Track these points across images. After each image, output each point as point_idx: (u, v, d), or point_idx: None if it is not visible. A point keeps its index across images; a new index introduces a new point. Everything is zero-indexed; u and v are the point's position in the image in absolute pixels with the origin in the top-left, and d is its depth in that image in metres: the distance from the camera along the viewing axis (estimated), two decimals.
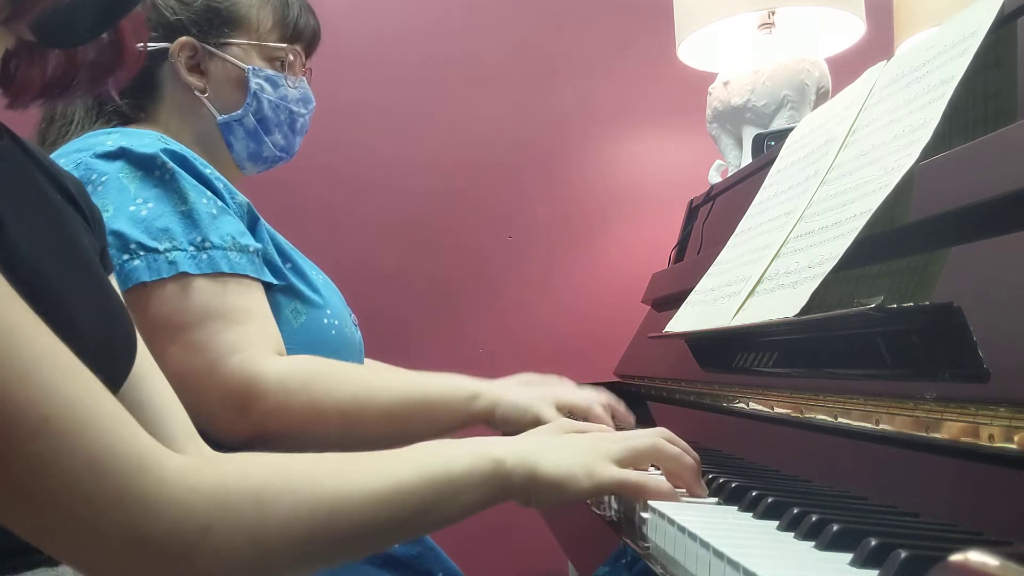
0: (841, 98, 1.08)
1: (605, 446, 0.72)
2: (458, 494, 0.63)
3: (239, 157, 1.20)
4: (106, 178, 0.98)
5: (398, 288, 2.11)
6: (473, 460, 0.64)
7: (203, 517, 0.50)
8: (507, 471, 0.65)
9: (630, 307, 1.78)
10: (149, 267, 0.95)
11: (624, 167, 2.25)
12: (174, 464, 0.50)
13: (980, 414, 0.59)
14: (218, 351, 0.95)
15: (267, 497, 0.53)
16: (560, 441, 0.73)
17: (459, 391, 1.05)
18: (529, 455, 0.67)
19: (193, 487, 0.50)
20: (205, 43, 1.14)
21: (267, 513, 0.52)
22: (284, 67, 1.19)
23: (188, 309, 0.95)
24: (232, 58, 1.15)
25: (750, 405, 0.97)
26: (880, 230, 0.80)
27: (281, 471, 0.55)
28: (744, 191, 1.34)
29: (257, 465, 0.55)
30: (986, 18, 0.80)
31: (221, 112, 1.16)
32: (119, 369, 0.67)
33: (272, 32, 1.18)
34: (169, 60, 1.14)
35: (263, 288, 1.03)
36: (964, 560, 0.32)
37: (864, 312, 0.70)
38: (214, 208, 1.00)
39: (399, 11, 2.18)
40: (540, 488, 0.67)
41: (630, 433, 0.77)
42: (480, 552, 1.61)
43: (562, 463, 0.68)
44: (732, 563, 0.51)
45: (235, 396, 0.94)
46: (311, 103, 1.25)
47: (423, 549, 1.12)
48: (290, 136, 1.23)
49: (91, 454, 0.47)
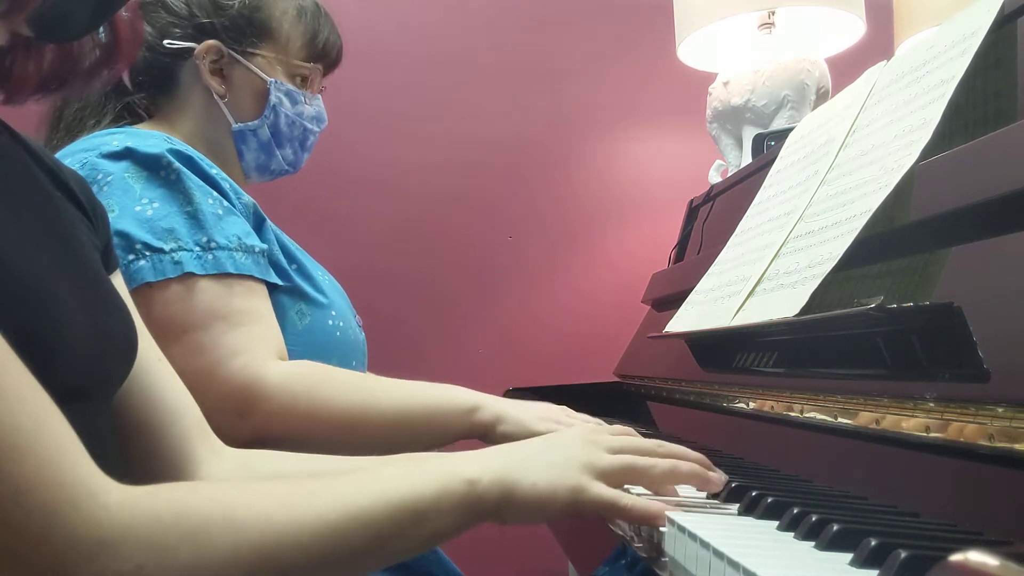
0: (841, 98, 1.08)
1: (596, 457, 0.66)
2: (425, 521, 0.59)
3: (247, 166, 1.20)
4: (111, 178, 0.98)
5: (399, 288, 2.11)
6: (442, 483, 0.60)
7: (134, 557, 0.47)
8: (479, 494, 0.61)
9: (630, 307, 1.78)
10: (154, 267, 0.95)
11: (624, 167, 2.25)
12: (109, 500, 0.47)
13: (980, 414, 0.59)
14: (220, 353, 0.95)
15: (205, 535, 0.49)
16: (543, 448, 0.67)
17: (461, 402, 1.04)
18: (506, 474, 0.62)
19: (126, 525, 0.47)
20: (232, 49, 1.14)
21: (204, 552, 0.49)
22: (304, 83, 1.20)
23: (192, 310, 0.95)
24: (256, 68, 1.16)
25: (750, 405, 0.97)
26: (880, 230, 0.80)
27: (223, 505, 0.52)
28: (744, 191, 1.34)
29: (198, 498, 0.52)
30: (986, 18, 0.80)
31: (237, 120, 1.17)
32: (116, 368, 0.66)
33: (301, 50, 1.19)
34: (193, 60, 1.14)
35: (267, 289, 1.03)
36: (964, 560, 0.32)
37: (864, 312, 0.70)
38: (220, 208, 1.00)
39: (399, 12, 2.18)
40: (517, 508, 0.63)
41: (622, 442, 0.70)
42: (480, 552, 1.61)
43: (541, 481, 0.63)
44: (732, 563, 0.51)
45: (236, 399, 0.94)
46: (324, 122, 1.26)
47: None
48: (299, 152, 1.24)
49: (20, 486, 0.44)
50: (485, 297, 2.16)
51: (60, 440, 0.47)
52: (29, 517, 0.44)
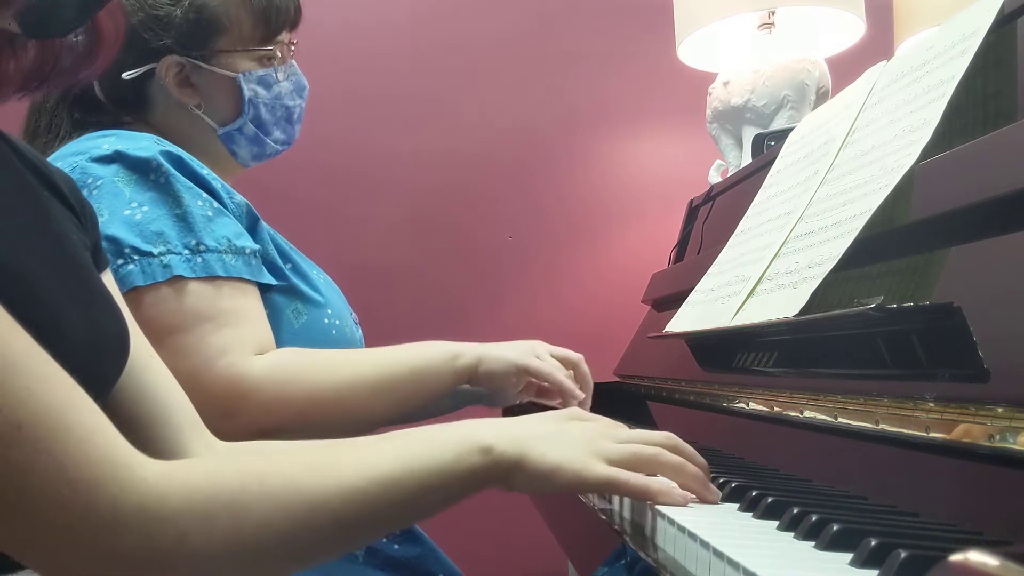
0: (841, 98, 1.08)
1: (603, 445, 0.69)
2: (443, 485, 0.61)
3: (244, 160, 1.20)
4: (101, 182, 0.97)
5: (397, 286, 2.10)
6: (461, 449, 0.63)
7: (177, 525, 0.49)
8: (494, 459, 0.64)
9: (630, 307, 1.78)
10: (143, 271, 0.94)
11: (624, 167, 2.25)
12: (148, 472, 0.49)
13: (980, 414, 0.59)
14: (204, 354, 0.95)
15: (242, 502, 0.52)
16: (557, 429, 0.70)
17: (441, 353, 1.07)
18: (520, 441, 0.65)
19: (166, 495, 0.49)
20: (190, 57, 1.11)
21: (242, 518, 0.52)
22: (272, 60, 1.16)
23: (179, 312, 0.95)
24: (220, 69, 1.13)
25: (750, 405, 0.97)
26: (880, 230, 0.80)
27: (258, 474, 0.54)
28: (744, 191, 1.34)
29: (234, 469, 0.54)
30: (986, 18, 0.80)
31: (219, 123, 1.15)
32: (110, 367, 0.66)
33: (255, 30, 1.13)
34: (158, 81, 1.11)
35: (259, 290, 1.03)
36: (964, 560, 0.32)
37: (864, 312, 0.70)
38: (210, 210, 1.00)
39: (398, 11, 2.18)
40: (525, 476, 0.65)
41: (631, 434, 0.72)
42: (480, 552, 1.61)
43: (551, 454, 0.66)
44: (732, 563, 0.51)
45: (224, 398, 0.94)
46: (305, 89, 1.22)
47: (424, 550, 1.12)
48: (289, 129, 1.22)
49: (64, 462, 0.46)
50: (484, 297, 2.16)
51: (94, 418, 0.49)
52: (75, 492, 0.46)
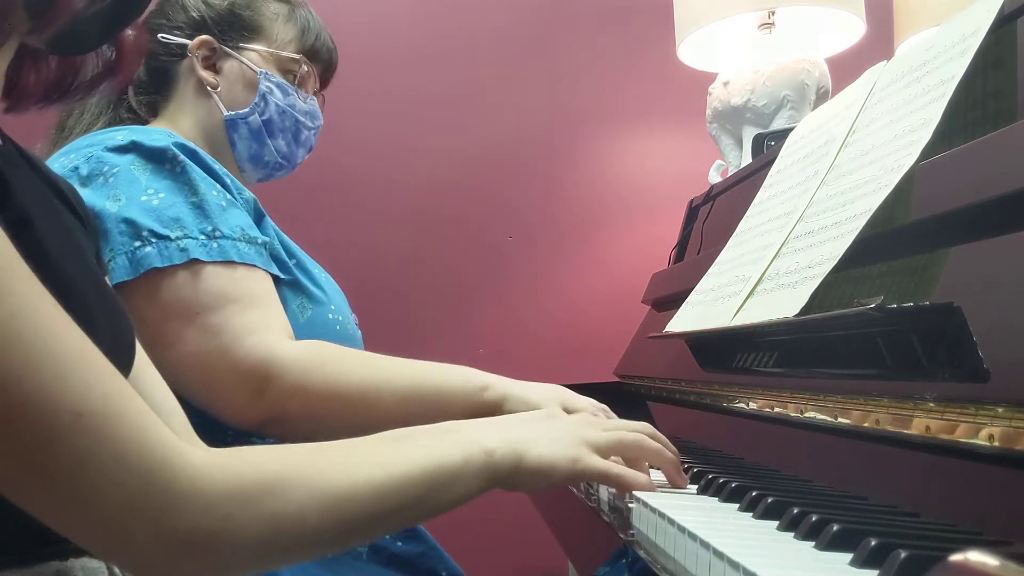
0: (841, 98, 1.08)
1: (592, 434, 0.76)
2: (452, 485, 0.65)
3: (240, 157, 1.22)
4: (117, 169, 0.99)
5: (399, 286, 2.11)
6: (467, 452, 0.67)
7: (224, 508, 0.52)
8: (497, 462, 0.68)
9: (630, 307, 1.78)
10: (160, 253, 0.96)
11: (624, 167, 2.25)
12: (196, 459, 0.52)
13: (980, 414, 0.59)
14: (234, 333, 0.96)
15: (282, 489, 0.55)
16: (547, 427, 0.76)
17: (472, 381, 1.06)
18: (517, 444, 0.70)
19: (215, 479, 0.52)
20: (224, 44, 1.19)
21: (282, 504, 0.55)
22: (296, 80, 1.23)
23: (203, 293, 0.97)
24: (247, 61, 1.20)
25: (750, 405, 0.97)
26: (880, 230, 0.80)
27: (295, 464, 0.58)
28: (744, 191, 1.34)
29: (274, 458, 0.58)
30: (986, 18, 0.80)
31: (229, 109, 1.20)
32: (123, 369, 0.67)
33: (290, 44, 1.22)
34: (187, 58, 1.18)
35: (272, 279, 1.05)
36: (964, 560, 0.32)
37: (864, 312, 0.70)
38: (223, 200, 1.02)
39: (397, 9, 2.18)
40: (525, 475, 0.70)
41: (614, 423, 0.81)
42: (481, 552, 1.61)
43: (546, 452, 0.71)
44: (732, 563, 0.51)
45: (252, 377, 0.95)
46: (318, 120, 1.28)
47: (426, 548, 1.12)
48: (293, 146, 1.25)
49: (122, 449, 0.49)
50: (483, 297, 2.16)
51: (143, 406, 0.51)
52: (131, 475, 0.49)
